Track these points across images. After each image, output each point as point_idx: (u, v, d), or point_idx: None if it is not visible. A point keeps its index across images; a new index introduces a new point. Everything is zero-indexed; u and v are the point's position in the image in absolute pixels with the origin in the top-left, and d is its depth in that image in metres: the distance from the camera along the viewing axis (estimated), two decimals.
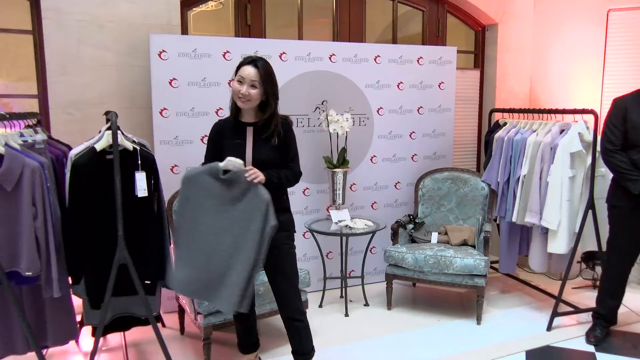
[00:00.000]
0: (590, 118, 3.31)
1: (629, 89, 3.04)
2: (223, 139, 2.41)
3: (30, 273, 2.34)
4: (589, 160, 3.32)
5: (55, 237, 2.43)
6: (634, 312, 3.60)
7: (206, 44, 3.44)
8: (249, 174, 2.22)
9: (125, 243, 2.43)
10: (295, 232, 2.53)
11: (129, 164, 2.52)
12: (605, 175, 3.36)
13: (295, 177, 2.47)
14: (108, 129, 2.47)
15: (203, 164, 2.40)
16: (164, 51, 3.33)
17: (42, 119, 3.10)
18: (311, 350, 2.54)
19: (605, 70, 4.34)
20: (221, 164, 2.25)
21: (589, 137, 3.33)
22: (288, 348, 3.05)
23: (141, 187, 2.51)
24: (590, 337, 3.17)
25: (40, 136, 2.61)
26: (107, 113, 2.47)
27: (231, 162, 2.24)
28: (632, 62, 4.09)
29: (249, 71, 2.30)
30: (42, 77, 3.37)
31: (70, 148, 2.78)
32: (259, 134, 2.38)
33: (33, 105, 3.42)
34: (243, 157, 2.32)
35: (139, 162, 2.54)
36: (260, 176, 2.23)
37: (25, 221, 2.31)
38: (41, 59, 3.35)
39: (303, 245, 3.77)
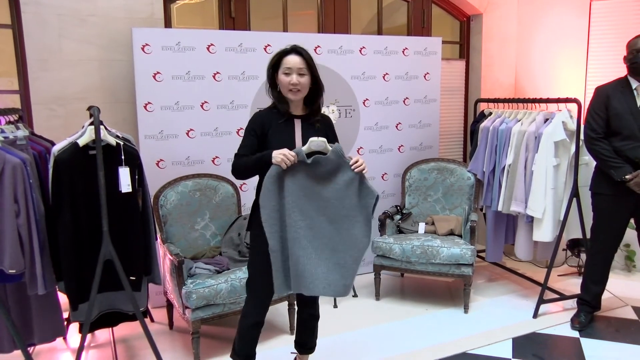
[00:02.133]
0: (573, 107, 3.34)
1: (612, 78, 3.08)
2: (268, 129, 2.26)
3: (13, 271, 2.31)
4: (573, 148, 3.36)
5: (39, 234, 2.40)
6: (618, 298, 3.66)
7: (190, 37, 3.41)
8: (354, 164, 2.20)
9: (110, 239, 2.41)
10: None
11: (112, 159, 2.50)
12: (588, 163, 3.39)
13: None
14: (91, 124, 2.44)
15: (238, 153, 2.26)
16: (147, 45, 3.29)
17: (24, 115, 3.06)
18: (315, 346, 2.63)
19: (588, 59, 4.38)
20: (304, 147, 2.18)
21: (573, 125, 3.37)
22: (278, 341, 3.07)
23: (125, 182, 2.49)
24: (575, 322, 3.22)
25: (22, 132, 2.58)
26: (90, 108, 2.44)
27: (313, 142, 2.18)
28: (614, 51, 4.13)
29: (295, 60, 2.23)
30: (23, 73, 3.32)
31: (53, 144, 2.75)
32: (307, 125, 2.30)
33: (16, 102, 3.37)
34: (292, 148, 2.21)
35: (123, 157, 2.52)
36: (365, 166, 2.22)
37: (8, 218, 2.29)
38: (22, 54, 3.30)
39: None
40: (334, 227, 2.22)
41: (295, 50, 2.26)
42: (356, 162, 2.21)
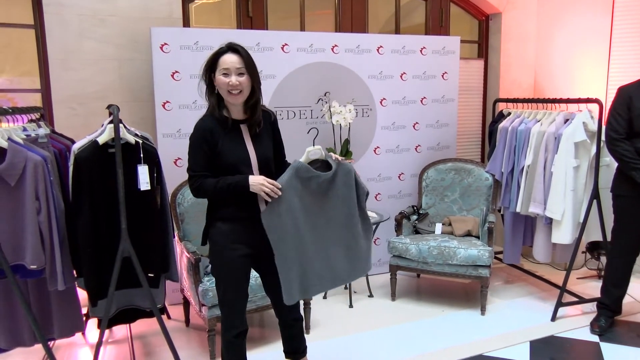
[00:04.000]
0: (594, 107, 3.28)
1: (635, 78, 3.01)
2: (218, 140, 2.10)
3: (34, 266, 2.36)
4: (594, 149, 3.30)
5: (59, 230, 2.44)
6: (639, 302, 3.58)
7: (208, 36, 3.43)
8: (336, 158, 2.21)
9: (128, 236, 2.44)
10: None
11: (131, 157, 2.52)
12: (610, 164, 3.33)
13: None
14: (110, 122, 2.47)
15: (194, 175, 2.11)
16: (165, 44, 3.32)
17: (45, 113, 3.12)
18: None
19: (610, 58, 4.29)
20: (303, 159, 2.17)
21: (594, 126, 3.31)
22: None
23: (144, 180, 2.51)
24: (594, 327, 3.16)
25: (43, 130, 2.63)
26: (109, 107, 2.47)
27: (312, 151, 2.19)
28: (638, 50, 4.05)
29: (232, 59, 2.06)
30: (44, 72, 3.37)
31: (73, 142, 2.80)
32: (253, 130, 2.17)
33: (37, 100, 3.44)
34: (248, 158, 2.14)
35: (142, 155, 2.55)
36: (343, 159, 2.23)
37: (29, 215, 2.33)
38: (44, 54, 3.35)
39: None
40: (341, 228, 2.28)
41: (232, 48, 2.09)
42: (336, 157, 2.24)
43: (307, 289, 2.22)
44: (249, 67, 2.09)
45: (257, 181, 2.05)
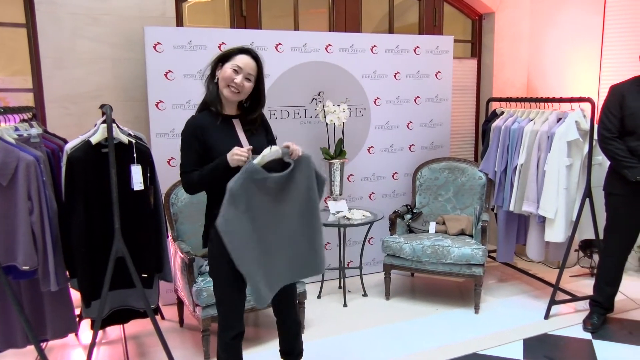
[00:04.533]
0: (587, 106, 3.30)
1: (627, 77, 3.04)
2: (206, 134, 2.11)
3: (27, 267, 2.34)
4: (586, 148, 3.32)
5: (52, 231, 2.43)
6: (631, 300, 3.61)
7: (201, 35, 3.42)
8: (292, 153, 2.07)
9: (122, 236, 2.43)
10: None
11: (124, 157, 2.51)
12: (602, 163, 3.36)
13: None
14: (103, 122, 2.46)
15: (184, 172, 2.13)
16: (159, 43, 3.31)
17: (37, 113, 3.10)
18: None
19: (602, 58, 4.32)
20: (256, 161, 2.02)
21: (586, 125, 3.33)
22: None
23: (137, 180, 2.50)
24: (587, 324, 3.18)
25: (35, 130, 2.61)
26: (102, 106, 2.46)
27: (266, 155, 2.05)
28: (629, 49, 4.07)
29: (249, 62, 2.10)
30: (37, 71, 3.35)
31: (66, 142, 2.78)
32: (247, 125, 2.20)
33: (30, 100, 3.41)
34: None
35: (135, 155, 2.54)
36: (298, 147, 2.09)
37: (21, 215, 2.31)
38: (36, 53, 3.33)
39: None
40: (301, 221, 2.17)
41: (252, 53, 2.14)
42: (292, 150, 2.08)
43: (272, 287, 2.15)
44: (259, 78, 2.16)
45: (232, 154, 2.00)
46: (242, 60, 2.10)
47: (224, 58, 2.13)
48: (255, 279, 2.07)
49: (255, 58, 2.14)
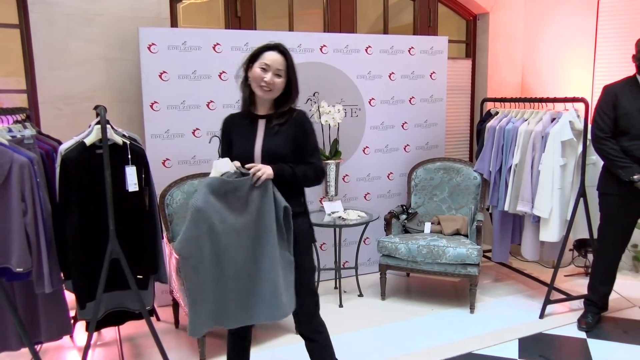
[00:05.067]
0: (581, 106, 3.32)
1: (620, 77, 3.05)
2: (232, 133, 2.19)
3: (21, 269, 2.32)
4: (580, 148, 3.34)
5: (46, 232, 2.41)
6: (625, 298, 3.63)
7: (196, 36, 3.41)
8: (252, 175, 1.99)
9: (117, 238, 2.42)
10: (312, 242, 2.26)
11: (119, 158, 2.51)
12: (596, 163, 3.37)
13: (316, 173, 2.15)
14: (97, 123, 2.45)
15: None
16: (153, 44, 3.30)
17: (31, 114, 3.08)
18: None
19: (596, 58, 4.34)
20: (213, 174, 1.99)
21: (580, 125, 3.35)
22: (283, 340, 3.07)
23: (131, 181, 2.50)
24: (582, 323, 3.20)
25: (29, 131, 2.60)
26: (96, 107, 2.45)
27: (217, 167, 1.98)
28: (622, 50, 4.10)
29: (276, 57, 2.09)
30: (30, 72, 3.33)
31: (60, 143, 2.77)
32: (271, 125, 2.14)
33: (23, 101, 3.39)
34: (252, 151, 2.11)
35: (129, 156, 2.53)
36: (266, 172, 2.00)
37: (15, 217, 2.30)
38: (29, 54, 3.31)
39: None
40: (257, 249, 2.03)
41: (279, 48, 2.13)
42: (254, 174, 2.00)
43: (220, 321, 2.03)
44: (289, 72, 2.13)
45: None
46: (270, 57, 2.10)
47: (253, 58, 2.14)
48: (197, 307, 1.97)
49: (283, 52, 2.12)
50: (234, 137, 2.18)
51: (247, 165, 2.04)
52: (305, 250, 2.20)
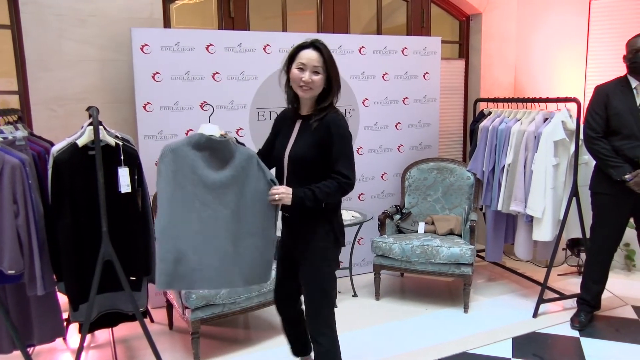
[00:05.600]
0: (573, 106, 3.34)
1: (612, 77, 3.07)
2: (279, 129, 2.26)
3: (13, 271, 2.31)
4: (573, 148, 3.36)
5: (39, 234, 2.40)
6: (617, 297, 3.65)
7: (189, 37, 3.41)
8: (271, 196, 2.05)
9: (110, 239, 2.41)
10: (331, 247, 2.23)
11: (111, 159, 2.50)
12: (588, 162, 3.39)
13: (339, 185, 2.05)
14: (90, 124, 2.44)
15: (259, 150, 2.31)
16: (146, 45, 3.29)
17: (23, 116, 3.06)
18: None
19: (588, 58, 4.37)
20: (199, 131, 2.06)
21: (572, 125, 3.36)
22: (278, 340, 3.07)
23: (124, 182, 2.49)
24: (575, 322, 3.21)
25: (21, 133, 2.58)
26: (89, 108, 2.44)
27: (204, 129, 2.05)
28: (614, 50, 4.12)
29: (311, 55, 2.06)
30: (22, 73, 3.31)
31: (52, 144, 2.75)
32: (305, 127, 2.14)
33: (15, 102, 3.37)
34: (283, 153, 2.14)
35: (122, 157, 2.52)
36: (283, 199, 2.03)
37: (7, 219, 2.28)
38: (21, 55, 3.29)
39: None
40: (236, 216, 2.08)
41: (314, 45, 2.09)
42: (270, 194, 2.07)
43: (185, 278, 2.06)
44: (327, 67, 2.09)
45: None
46: (305, 55, 2.08)
47: (290, 59, 2.13)
48: (159, 251, 2.02)
49: (318, 48, 2.08)
50: (279, 135, 2.25)
51: (272, 191, 2.07)
52: (313, 267, 2.20)
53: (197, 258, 2.05)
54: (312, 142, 2.09)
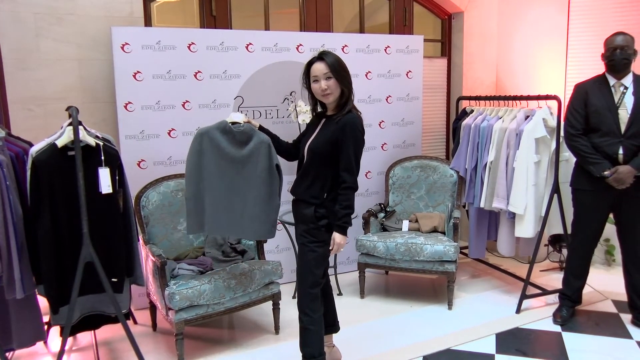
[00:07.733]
0: (554, 104, 3.38)
1: (592, 75, 3.12)
2: (311, 125, 2.55)
3: None
4: (554, 145, 3.40)
5: (17, 236, 2.36)
6: (598, 292, 3.71)
7: (170, 35, 3.37)
8: (336, 252, 2.49)
9: (91, 241, 2.37)
10: (319, 228, 2.47)
11: (92, 160, 2.46)
12: (569, 159, 3.44)
13: (346, 195, 2.42)
14: (70, 124, 2.40)
15: (294, 140, 2.71)
16: (127, 44, 3.25)
17: (0, 116, 3.00)
18: (309, 357, 2.47)
19: (568, 56, 4.43)
20: (227, 119, 2.63)
21: (553, 122, 3.40)
22: (262, 341, 3.06)
23: (105, 183, 2.45)
24: (556, 317, 3.26)
25: None
26: (68, 108, 2.40)
27: (231, 117, 2.62)
28: (593, 48, 4.17)
29: (319, 67, 2.34)
30: None
31: (31, 145, 2.70)
32: (328, 124, 2.41)
33: None
34: (305, 145, 2.46)
35: (102, 157, 2.49)
36: (342, 245, 2.48)
37: None
38: None
39: (276, 237, 3.75)
40: (248, 184, 2.61)
41: (319, 57, 2.36)
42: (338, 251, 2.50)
43: (207, 224, 2.66)
44: (335, 71, 2.34)
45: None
46: (315, 69, 2.36)
47: (306, 76, 2.43)
48: (195, 205, 2.65)
49: (322, 59, 2.35)
50: (308, 130, 2.53)
51: (333, 250, 2.50)
52: (303, 239, 2.49)
53: (217, 210, 2.65)
54: (329, 139, 2.37)
